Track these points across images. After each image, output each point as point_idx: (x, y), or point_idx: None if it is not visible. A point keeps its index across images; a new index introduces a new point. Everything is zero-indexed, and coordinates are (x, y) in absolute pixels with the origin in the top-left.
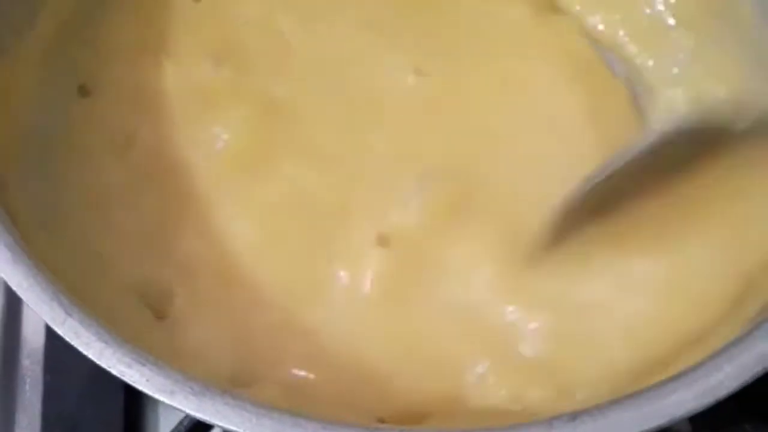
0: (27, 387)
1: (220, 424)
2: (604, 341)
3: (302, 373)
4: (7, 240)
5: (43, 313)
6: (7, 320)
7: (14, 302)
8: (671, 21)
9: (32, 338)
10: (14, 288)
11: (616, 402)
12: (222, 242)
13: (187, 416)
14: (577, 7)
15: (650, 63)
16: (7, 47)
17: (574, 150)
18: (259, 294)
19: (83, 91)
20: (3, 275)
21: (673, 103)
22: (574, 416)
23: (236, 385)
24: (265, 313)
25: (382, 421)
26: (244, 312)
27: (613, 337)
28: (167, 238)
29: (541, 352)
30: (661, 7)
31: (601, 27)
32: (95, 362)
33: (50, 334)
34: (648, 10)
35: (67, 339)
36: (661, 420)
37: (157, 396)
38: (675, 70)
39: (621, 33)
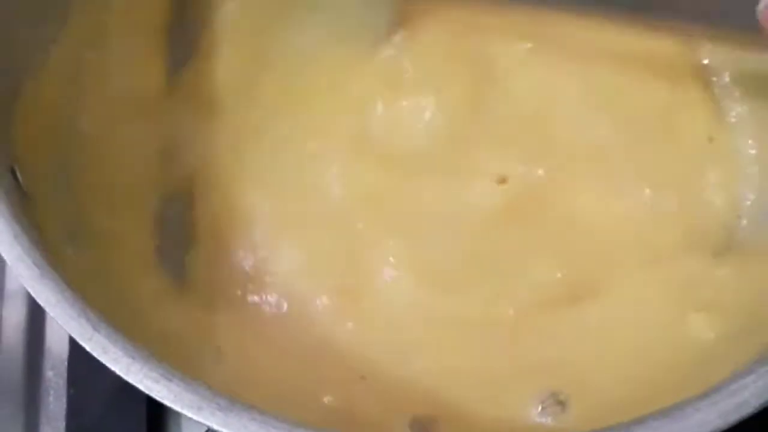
0: (51, 399)
1: None
2: None
3: None
4: (35, 256)
5: (71, 329)
6: (30, 332)
7: (38, 314)
8: None
9: (56, 350)
10: (42, 304)
11: (639, 421)
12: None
13: (210, 429)
14: None
15: None
16: (35, 64)
17: None
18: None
19: None
20: (31, 291)
21: None
22: None
23: None
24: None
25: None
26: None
27: None
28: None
29: None
30: None
31: None
32: (122, 377)
33: (74, 346)
34: None
35: (95, 354)
36: None
37: (184, 411)
38: None
39: None
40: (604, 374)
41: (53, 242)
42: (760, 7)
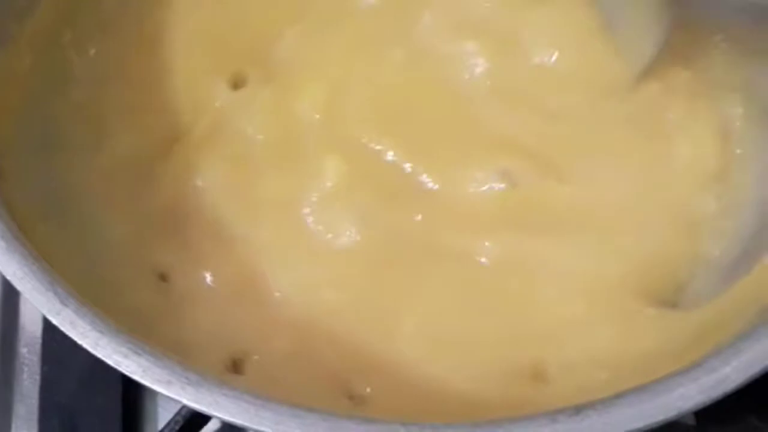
0: (25, 377)
1: (218, 414)
2: None
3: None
4: (2, 230)
5: (38, 303)
6: (4, 310)
7: (12, 292)
8: None
9: (30, 328)
10: (9, 278)
11: (620, 396)
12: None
13: (184, 407)
14: None
15: None
16: (10, 35)
17: None
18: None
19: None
20: None
21: None
22: (578, 410)
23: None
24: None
25: None
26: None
27: None
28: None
29: None
30: None
31: None
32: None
33: (48, 324)
34: None
35: (63, 329)
36: (668, 414)
37: (153, 386)
38: None
39: None
40: None
41: (24, 219)
42: None
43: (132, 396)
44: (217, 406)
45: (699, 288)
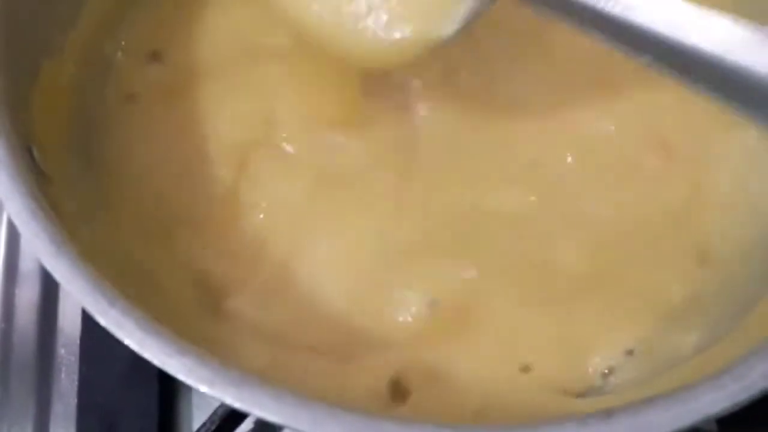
0: (63, 376)
1: (259, 413)
2: None
3: None
4: (52, 233)
5: (87, 304)
6: (43, 311)
7: (51, 293)
8: None
9: (68, 328)
10: (58, 279)
11: (650, 401)
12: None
13: (221, 406)
14: None
15: None
16: (55, 45)
17: None
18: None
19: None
20: (48, 267)
21: None
22: (609, 413)
23: None
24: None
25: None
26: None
27: None
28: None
29: None
30: None
31: None
32: (135, 352)
33: (86, 324)
34: None
35: (110, 329)
36: (695, 418)
37: (197, 386)
38: None
39: None
40: None
41: (69, 221)
42: None
43: (168, 396)
44: (258, 405)
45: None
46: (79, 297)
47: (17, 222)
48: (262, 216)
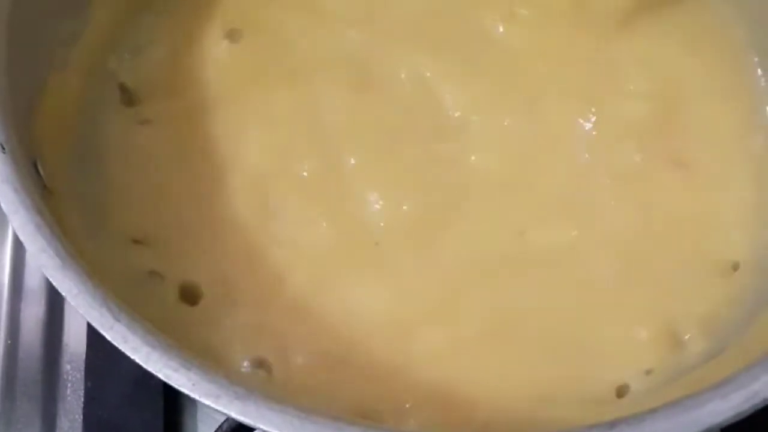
0: (68, 392)
1: (264, 427)
2: None
3: None
4: (57, 247)
5: (92, 318)
6: (49, 326)
7: (56, 309)
8: None
9: (74, 344)
10: (64, 294)
11: (653, 411)
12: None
13: (226, 421)
14: None
15: None
16: (58, 60)
17: None
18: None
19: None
20: (54, 282)
21: None
22: (612, 425)
23: None
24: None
25: None
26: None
27: None
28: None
29: None
30: None
31: None
32: (140, 367)
33: (92, 340)
34: None
35: (116, 343)
36: (698, 428)
37: (202, 400)
38: None
39: None
40: None
41: (74, 236)
42: None
43: (173, 411)
44: (263, 419)
45: None
46: (84, 311)
47: (22, 236)
48: (282, 249)
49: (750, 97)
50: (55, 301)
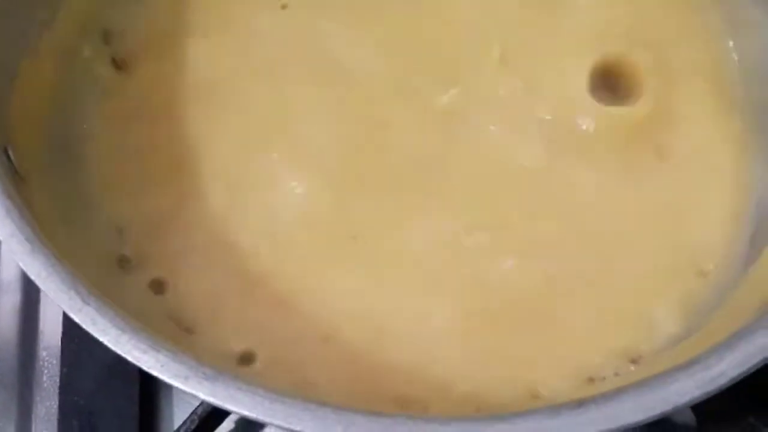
0: (45, 379)
1: (233, 408)
2: None
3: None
4: (27, 232)
5: (61, 301)
6: (25, 314)
7: (32, 297)
8: None
9: (50, 332)
10: (33, 278)
11: (620, 390)
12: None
13: (200, 406)
14: None
15: None
16: (31, 45)
17: None
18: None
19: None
20: (23, 266)
21: None
22: (580, 403)
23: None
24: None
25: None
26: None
27: None
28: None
29: None
30: None
31: None
32: (111, 350)
33: (67, 327)
34: None
35: (84, 326)
36: (664, 408)
37: (171, 381)
38: None
39: None
40: None
41: (45, 221)
42: None
43: (148, 397)
44: (232, 400)
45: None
46: (54, 295)
47: None
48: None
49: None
50: (31, 291)
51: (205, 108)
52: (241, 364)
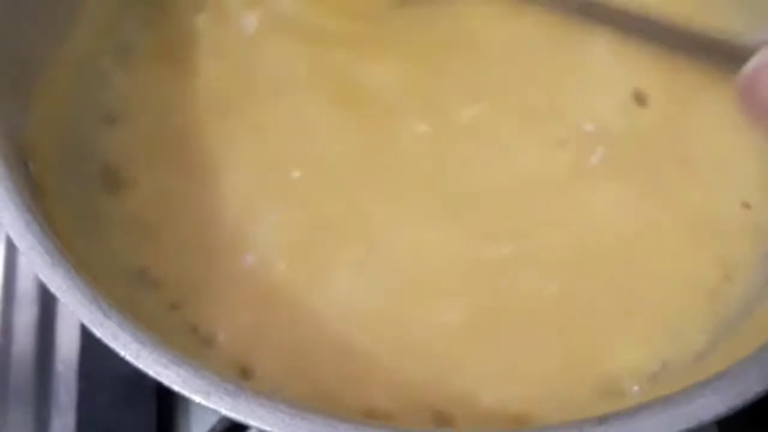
0: (61, 393)
1: (254, 423)
2: None
3: None
4: (47, 245)
5: (82, 315)
6: (41, 327)
7: (49, 310)
8: None
9: (66, 345)
10: (54, 291)
11: (644, 406)
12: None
13: (219, 422)
14: None
15: None
16: (49, 58)
17: None
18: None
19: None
20: (43, 278)
21: None
22: (602, 419)
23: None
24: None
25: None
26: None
27: None
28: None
29: None
30: None
31: None
32: (131, 365)
33: (84, 341)
34: None
35: (105, 341)
36: (689, 423)
37: (192, 397)
38: None
39: None
40: None
41: (64, 234)
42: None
43: (166, 411)
44: (254, 416)
45: None
46: (75, 308)
47: (12, 234)
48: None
49: None
50: (48, 303)
51: (221, 126)
52: (245, 378)
